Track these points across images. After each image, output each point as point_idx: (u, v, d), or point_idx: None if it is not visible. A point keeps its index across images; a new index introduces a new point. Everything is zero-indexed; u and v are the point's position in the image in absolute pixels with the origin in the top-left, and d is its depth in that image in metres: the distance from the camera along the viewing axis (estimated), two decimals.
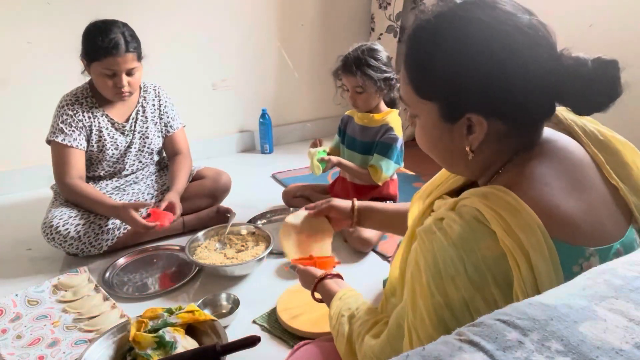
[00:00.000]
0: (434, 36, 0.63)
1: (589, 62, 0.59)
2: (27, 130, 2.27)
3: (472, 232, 0.57)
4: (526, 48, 0.59)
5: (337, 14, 2.91)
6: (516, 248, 0.54)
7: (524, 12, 0.62)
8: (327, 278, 1.01)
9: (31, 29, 2.15)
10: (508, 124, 0.63)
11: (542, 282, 0.54)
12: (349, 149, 1.87)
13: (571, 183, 0.61)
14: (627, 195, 0.64)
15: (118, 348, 1.15)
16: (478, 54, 0.60)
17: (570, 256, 0.56)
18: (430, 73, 0.64)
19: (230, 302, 1.42)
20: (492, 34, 0.60)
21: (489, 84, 0.60)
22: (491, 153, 0.65)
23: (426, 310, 0.59)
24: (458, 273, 0.56)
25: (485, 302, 0.55)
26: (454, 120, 0.64)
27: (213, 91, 2.71)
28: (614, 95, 0.59)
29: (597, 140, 0.69)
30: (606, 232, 0.60)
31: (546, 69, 0.60)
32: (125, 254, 1.70)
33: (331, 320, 0.91)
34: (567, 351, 0.40)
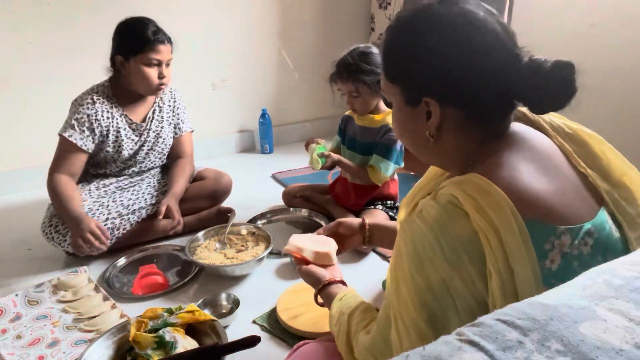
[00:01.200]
0: (402, 28, 0.72)
1: (547, 63, 0.64)
2: (27, 130, 2.28)
3: (447, 214, 0.60)
4: (477, 42, 0.65)
5: (337, 14, 2.91)
6: (487, 226, 0.57)
7: (484, 10, 0.67)
8: (331, 284, 1.01)
9: (31, 29, 2.15)
10: (465, 113, 0.68)
11: (513, 258, 0.56)
12: (350, 149, 1.87)
13: (540, 169, 0.64)
14: (596, 182, 0.67)
15: (118, 348, 1.15)
16: (432, 44, 0.67)
17: (541, 234, 0.58)
18: (395, 59, 0.72)
19: (230, 302, 1.42)
20: (446, 27, 0.66)
21: (442, 72, 0.66)
22: (453, 141, 0.70)
23: (409, 294, 0.62)
24: (436, 254, 0.59)
25: (463, 281, 0.58)
26: (415, 104, 0.70)
27: (213, 91, 2.71)
28: (569, 95, 0.63)
29: (565, 133, 0.73)
30: (576, 212, 0.62)
31: (499, 65, 0.65)
32: (125, 254, 1.70)
33: (332, 320, 0.91)
34: (567, 351, 0.40)
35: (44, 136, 2.31)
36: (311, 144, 1.77)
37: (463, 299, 0.58)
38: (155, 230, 1.79)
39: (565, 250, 0.59)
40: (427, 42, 0.67)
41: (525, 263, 0.56)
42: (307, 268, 1.06)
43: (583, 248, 0.61)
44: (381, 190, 1.84)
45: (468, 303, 0.58)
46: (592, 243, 0.61)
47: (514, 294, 0.56)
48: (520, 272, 0.56)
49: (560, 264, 0.59)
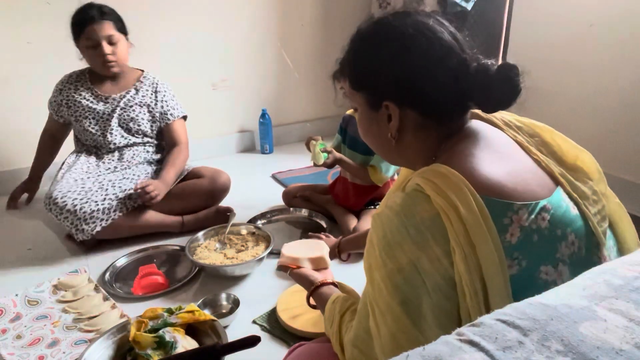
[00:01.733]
0: (361, 38, 0.78)
1: (493, 67, 0.69)
2: (27, 130, 2.27)
3: (410, 199, 0.64)
4: (426, 49, 0.70)
5: (337, 14, 2.91)
6: (447, 205, 0.61)
7: (434, 21, 0.73)
8: (323, 286, 1.02)
9: (31, 29, 2.15)
10: (422, 115, 0.73)
11: (474, 233, 0.60)
12: (351, 148, 1.87)
13: (494, 154, 0.69)
14: (549, 167, 0.72)
15: (118, 348, 1.15)
16: (387, 52, 0.73)
17: (499, 209, 0.62)
18: (357, 67, 0.78)
19: (230, 302, 1.42)
20: (398, 36, 0.72)
21: (397, 77, 0.72)
22: (414, 141, 0.75)
23: (382, 280, 0.64)
24: (403, 238, 0.62)
25: (430, 261, 0.61)
26: (377, 108, 0.76)
27: (213, 91, 2.71)
28: (514, 94, 0.68)
29: (516, 126, 0.78)
30: (532, 190, 0.66)
31: (448, 69, 0.70)
32: (125, 254, 1.70)
33: (326, 322, 0.91)
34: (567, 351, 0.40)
35: None
36: (312, 140, 1.77)
37: (431, 277, 0.61)
38: (149, 221, 1.81)
39: (524, 224, 0.62)
40: (382, 51, 0.73)
41: (486, 237, 0.59)
42: (299, 271, 1.10)
43: (541, 222, 0.64)
44: (381, 191, 1.84)
45: (436, 281, 0.61)
46: (549, 218, 0.64)
47: (478, 267, 0.59)
48: (481, 246, 0.59)
49: (519, 237, 0.62)
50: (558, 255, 0.64)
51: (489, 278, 0.59)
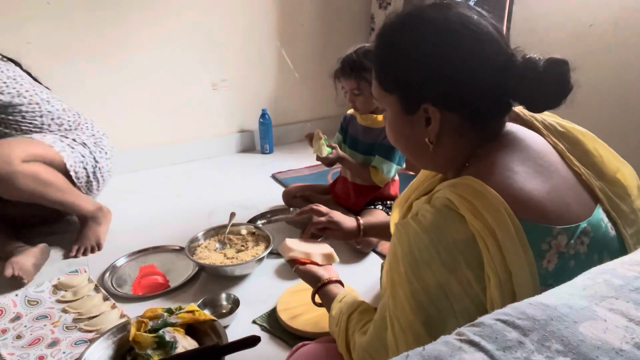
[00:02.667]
0: (394, 34, 0.70)
1: (541, 61, 0.63)
2: None
3: (442, 218, 0.60)
4: (472, 45, 0.65)
5: (337, 14, 2.91)
6: (484, 229, 0.57)
7: (476, 13, 0.67)
8: (330, 284, 1.01)
9: (31, 29, 2.15)
10: (463, 117, 0.68)
11: (511, 260, 0.56)
12: (351, 148, 1.87)
13: (534, 168, 0.64)
14: (590, 180, 0.67)
15: (118, 348, 1.15)
16: (429, 50, 0.66)
17: (538, 234, 0.58)
18: (390, 67, 0.71)
19: (230, 302, 1.42)
20: (442, 31, 0.65)
21: (440, 77, 0.66)
22: (452, 145, 0.70)
23: (405, 297, 0.62)
24: (432, 258, 0.59)
25: (460, 284, 0.58)
26: (413, 112, 0.69)
27: (213, 91, 2.71)
28: (564, 93, 0.63)
29: (558, 132, 0.73)
30: (572, 211, 0.62)
31: (496, 67, 0.65)
32: (125, 254, 1.70)
33: (332, 321, 0.91)
34: (567, 351, 0.40)
35: None
36: (317, 130, 1.77)
37: (460, 301, 0.58)
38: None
39: (562, 250, 0.59)
40: (422, 47, 0.66)
41: (523, 264, 0.56)
42: (305, 267, 1.07)
43: (580, 247, 0.61)
44: (382, 191, 1.84)
45: (465, 305, 0.58)
46: (588, 242, 0.61)
47: (512, 295, 0.56)
48: (517, 273, 0.56)
49: (557, 263, 0.59)
50: None
51: None
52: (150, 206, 2.16)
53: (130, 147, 2.55)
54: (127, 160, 2.54)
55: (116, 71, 2.38)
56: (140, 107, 2.51)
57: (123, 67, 2.40)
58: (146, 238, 1.82)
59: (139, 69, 2.44)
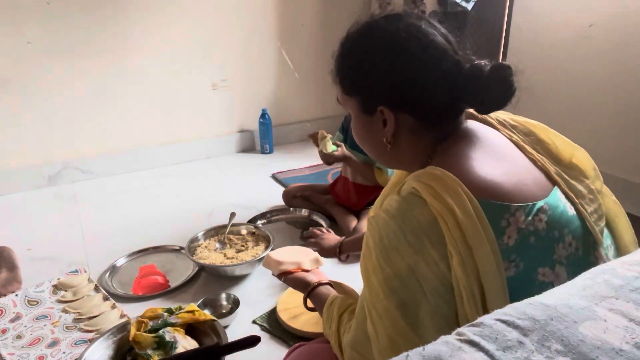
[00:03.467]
0: (351, 42, 0.77)
1: (487, 67, 0.68)
2: (27, 130, 2.28)
3: (407, 203, 0.64)
4: (421, 52, 0.70)
5: (337, 14, 2.91)
6: (443, 209, 0.60)
7: (426, 23, 0.73)
8: (319, 286, 1.02)
9: (31, 29, 2.15)
10: (417, 118, 0.73)
11: (470, 236, 0.59)
12: (352, 148, 1.86)
13: (489, 155, 0.69)
14: (546, 165, 0.71)
15: (118, 348, 1.15)
16: (380, 56, 0.72)
17: (496, 212, 0.61)
18: (349, 72, 0.77)
19: (230, 302, 1.42)
20: (391, 40, 0.71)
21: (391, 81, 0.71)
22: (408, 144, 0.75)
23: (379, 284, 0.64)
24: (400, 242, 0.62)
25: (427, 265, 0.61)
26: (371, 113, 0.75)
27: (213, 91, 2.71)
28: (508, 95, 0.67)
29: (511, 126, 0.77)
30: (529, 191, 0.65)
31: (443, 72, 0.70)
32: (125, 254, 1.70)
33: (325, 324, 0.91)
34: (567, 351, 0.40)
35: (44, 135, 2.32)
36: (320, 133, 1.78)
37: (429, 281, 0.61)
38: None
39: (521, 226, 0.62)
40: (376, 56, 0.72)
41: (483, 240, 0.59)
42: (294, 275, 1.09)
43: (538, 224, 0.63)
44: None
45: (434, 285, 0.61)
46: (546, 219, 0.64)
47: (475, 270, 0.59)
48: (478, 249, 0.59)
49: (517, 239, 0.61)
50: (555, 256, 0.64)
51: (487, 281, 0.59)
52: (150, 206, 2.16)
53: (130, 147, 2.55)
54: (127, 160, 2.54)
55: (116, 71, 2.39)
56: (140, 107, 2.51)
57: (123, 67, 2.40)
58: (146, 238, 1.82)
59: (139, 69, 2.44)
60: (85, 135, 2.42)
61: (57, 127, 2.34)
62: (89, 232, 1.92)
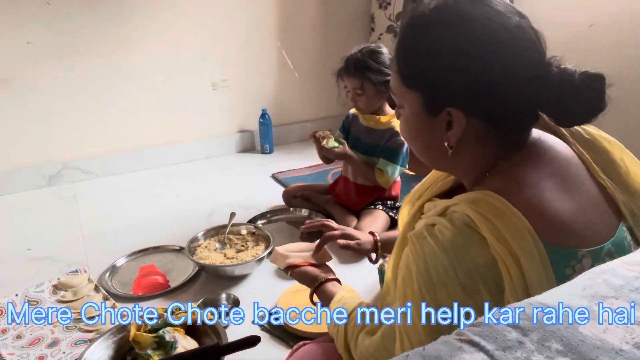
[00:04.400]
0: (423, 27, 0.64)
1: (576, 74, 0.59)
2: (27, 130, 2.28)
3: (462, 238, 0.56)
4: (511, 49, 0.60)
5: (337, 14, 2.91)
6: (506, 253, 0.54)
7: (515, 13, 0.63)
8: (327, 282, 1.01)
9: (31, 29, 2.15)
10: (488, 125, 0.63)
11: (533, 286, 0.54)
12: (353, 148, 1.86)
13: (560, 184, 0.61)
14: (615, 194, 0.64)
15: (118, 348, 1.15)
16: (463, 49, 0.60)
17: (562, 259, 0.56)
18: (416, 62, 0.65)
19: (230, 302, 1.42)
20: (478, 29, 0.60)
21: (471, 80, 0.60)
22: (472, 152, 0.66)
23: (417, 316, 0.59)
24: (450, 279, 0.56)
25: (477, 307, 0.55)
26: (436, 113, 0.64)
27: (213, 91, 2.71)
28: (597, 109, 0.59)
29: (584, 139, 0.69)
30: (597, 232, 0.59)
31: (530, 74, 0.60)
32: (125, 254, 1.70)
33: (330, 322, 0.91)
34: (567, 351, 0.40)
35: (44, 135, 2.32)
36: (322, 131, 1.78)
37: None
38: None
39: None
40: (457, 46, 0.60)
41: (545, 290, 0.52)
42: (301, 269, 1.05)
43: None
44: (383, 191, 1.84)
45: None
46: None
47: None
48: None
49: None
50: None
51: None
52: (150, 206, 2.16)
53: (130, 147, 2.55)
54: (127, 160, 2.54)
55: (116, 71, 2.39)
56: (140, 107, 2.51)
57: (123, 67, 2.40)
58: (146, 238, 1.82)
59: (139, 68, 2.44)
60: (85, 135, 2.42)
61: (57, 127, 2.34)
62: (89, 232, 1.92)
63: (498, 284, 0.55)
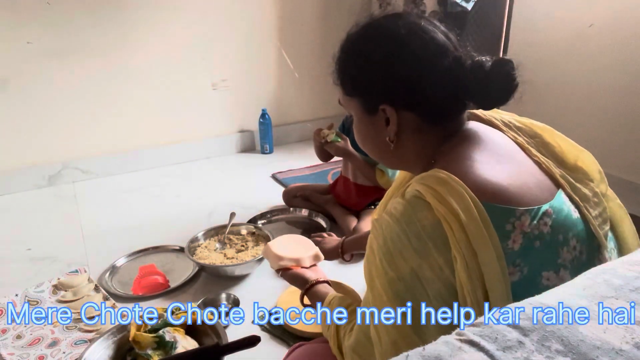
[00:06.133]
0: (352, 42, 0.77)
1: (488, 62, 0.68)
2: (27, 130, 2.28)
3: (411, 207, 0.63)
4: (421, 49, 0.70)
5: (337, 14, 2.91)
6: (448, 213, 0.60)
7: (426, 21, 0.73)
8: (318, 284, 1.01)
9: (31, 29, 2.15)
10: (419, 116, 0.72)
11: (475, 241, 0.59)
12: (353, 148, 1.86)
13: (494, 157, 0.68)
14: (551, 168, 0.71)
15: (118, 348, 1.15)
16: (381, 55, 0.72)
17: (501, 216, 0.61)
18: (349, 72, 0.77)
19: (230, 302, 1.42)
20: (392, 37, 0.71)
21: (392, 79, 0.71)
22: (412, 143, 0.75)
23: (382, 287, 0.64)
24: (404, 246, 0.62)
25: (431, 269, 0.61)
26: (373, 113, 0.75)
27: (213, 91, 2.71)
28: (510, 89, 0.67)
29: (517, 127, 0.77)
30: (534, 194, 0.65)
31: (444, 68, 0.70)
32: (125, 254, 1.70)
33: (323, 324, 0.91)
34: (567, 351, 0.40)
35: (44, 136, 2.32)
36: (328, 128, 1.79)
37: (432, 285, 0.61)
38: None
39: (526, 230, 0.61)
40: (375, 53, 0.72)
41: (487, 244, 0.59)
42: (292, 271, 1.07)
43: (543, 228, 0.63)
44: (383, 191, 1.84)
45: (438, 289, 0.60)
46: (551, 223, 0.63)
47: (479, 275, 0.58)
48: (483, 253, 0.58)
49: (522, 243, 0.61)
50: (560, 260, 0.63)
51: (491, 286, 0.58)
52: (150, 206, 2.16)
53: (130, 147, 2.55)
54: (127, 160, 2.54)
55: (116, 71, 2.39)
56: (140, 107, 2.51)
57: (123, 67, 2.40)
58: (146, 238, 1.82)
59: (139, 69, 2.44)
60: (85, 135, 2.42)
61: (57, 127, 2.34)
62: (89, 232, 1.92)
63: (446, 243, 0.60)
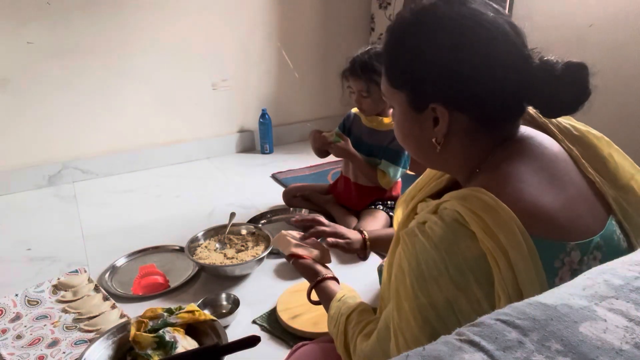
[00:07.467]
0: (405, 30, 0.68)
1: (558, 65, 0.61)
2: (27, 130, 2.28)
3: (452, 233, 0.57)
4: (488, 44, 0.62)
5: (337, 14, 2.91)
6: (495, 248, 0.55)
7: (492, 10, 0.64)
8: (328, 279, 1.00)
9: (31, 29, 2.15)
10: (473, 119, 0.65)
11: (522, 279, 0.54)
12: (354, 148, 1.86)
13: (548, 179, 0.62)
14: (603, 188, 0.65)
15: (118, 348, 1.15)
16: (441, 47, 0.63)
17: (551, 252, 0.56)
18: (399, 63, 0.69)
19: (230, 302, 1.42)
20: (455, 28, 0.63)
21: (450, 76, 0.63)
22: (460, 147, 0.68)
23: (411, 312, 0.60)
24: (441, 274, 0.57)
25: (469, 302, 0.56)
26: (421, 110, 0.67)
27: (213, 91, 2.71)
28: (582, 98, 0.61)
29: (572, 136, 0.71)
30: (586, 225, 0.60)
31: (510, 68, 0.62)
32: (125, 254, 1.70)
33: (330, 321, 0.91)
34: (567, 351, 0.40)
35: (44, 136, 2.32)
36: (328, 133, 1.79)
37: (467, 318, 0.56)
38: None
39: (575, 267, 0.57)
40: (434, 45, 0.64)
41: (535, 283, 0.54)
42: (304, 261, 1.04)
43: (592, 263, 0.58)
44: (384, 192, 1.84)
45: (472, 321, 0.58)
46: (600, 257, 0.59)
47: None
48: (529, 292, 0.54)
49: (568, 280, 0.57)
50: None
51: None
52: (150, 206, 2.16)
53: (130, 147, 2.55)
54: (127, 160, 2.54)
55: (116, 71, 2.39)
56: (140, 107, 2.51)
57: (123, 67, 2.40)
58: (146, 238, 1.82)
59: (139, 68, 2.44)
60: (85, 135, 2.42)
61: (57, 127, 2.34)
62: (89, 232, 1.92)
63: (488, 277, 0.55)
